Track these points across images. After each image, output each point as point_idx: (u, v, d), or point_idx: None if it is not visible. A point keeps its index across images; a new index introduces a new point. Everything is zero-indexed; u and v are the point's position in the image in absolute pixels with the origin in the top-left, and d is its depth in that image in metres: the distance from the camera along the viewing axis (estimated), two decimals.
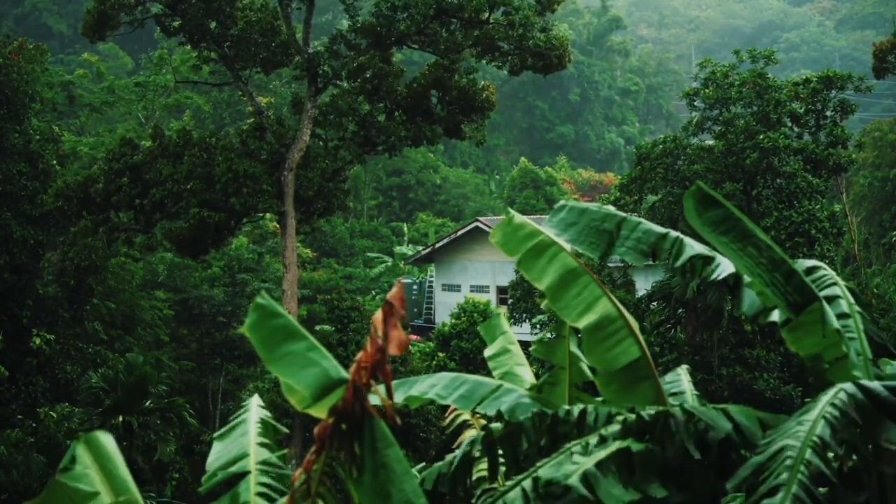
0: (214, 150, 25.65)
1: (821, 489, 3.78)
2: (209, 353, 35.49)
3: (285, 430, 5.71)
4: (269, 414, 5.35)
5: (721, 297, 19.88)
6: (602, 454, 4.04)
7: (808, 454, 3.56)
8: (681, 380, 6.13)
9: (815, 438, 3.62)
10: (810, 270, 5.47)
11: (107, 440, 4.40)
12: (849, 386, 3.86)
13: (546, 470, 4.09)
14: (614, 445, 4.07)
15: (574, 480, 3.93)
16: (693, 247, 5.15)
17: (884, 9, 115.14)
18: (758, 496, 3.51)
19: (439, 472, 5.00)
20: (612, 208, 5.62)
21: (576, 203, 5.73)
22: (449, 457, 5.05)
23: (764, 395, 23.20)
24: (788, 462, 3.55)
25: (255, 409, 5.35)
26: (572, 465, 4.05)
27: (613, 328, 5.21)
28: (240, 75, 27.31)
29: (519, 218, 5.76)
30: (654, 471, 4.07)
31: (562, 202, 5.76)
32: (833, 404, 3.77)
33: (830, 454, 3.72)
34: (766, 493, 3.50)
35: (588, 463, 4.01)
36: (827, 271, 5.48)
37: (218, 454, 4.99)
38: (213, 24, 26.33)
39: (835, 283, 5.35)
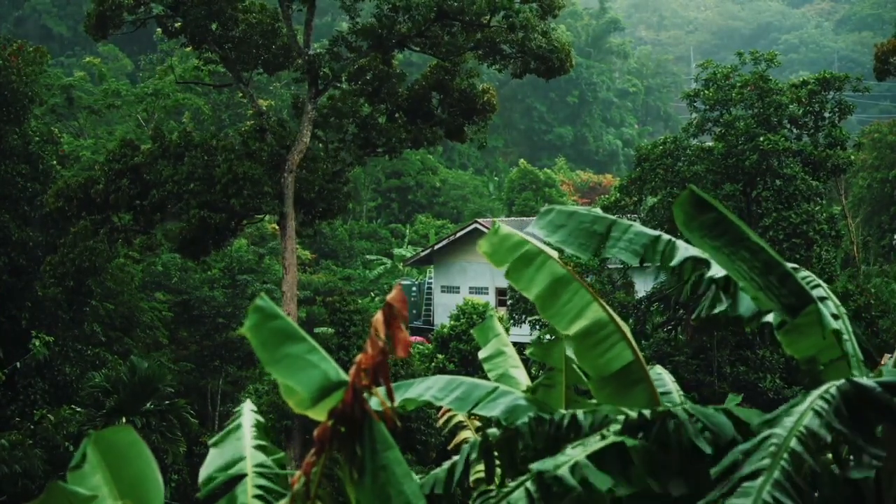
0: (215, 152, 25.68)
1: (817, 492, 3.80)
2: (209, 354, 35.45)
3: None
4: (261, 419, 5.35)
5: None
6: (594, 447, 4.07)
7: (794, 443, 3.59)
8: (663, 379, 6.15)
9: (801, 429, 3.64)
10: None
11: (123, 437, 4.36)
12: (840, 382, 3.89)
13: (538, 464, 4.12)
14: (608, 440, 4.10)
15: (564, 471, 3.95)
16: (686, 250, 5.17)
17: (882, 10, 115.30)
18: (736, 478, 3.52)
19: (436, 479, 5.03)
20: (599, 211, 5.65)
21: (563, 206, 5.77)
22: (447, 463, 5.08)
23: (767, 396, 23.25)
24: (772, 449, 3.58)
25: (248, 414, 5.35)
26: (563, 457, 4.08)
27: (605, 333, 5.23)
28: (241, 77, 27.35)
29: (505, 228, 5.81)
30: (648, 466, 4.10)
31: (548, 206, 5.80)
32: (823, 398, 3.80)
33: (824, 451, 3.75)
34: (746, 476, 3.51)
35: (580, 455, 4.03)
36: (808, 274, 5.51)
37: (213, 460, 4.98)
38: (214, 26, 26.36)
39: (819, 286, 5.38)
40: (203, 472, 4.85)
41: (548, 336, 23.51)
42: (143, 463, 4.30)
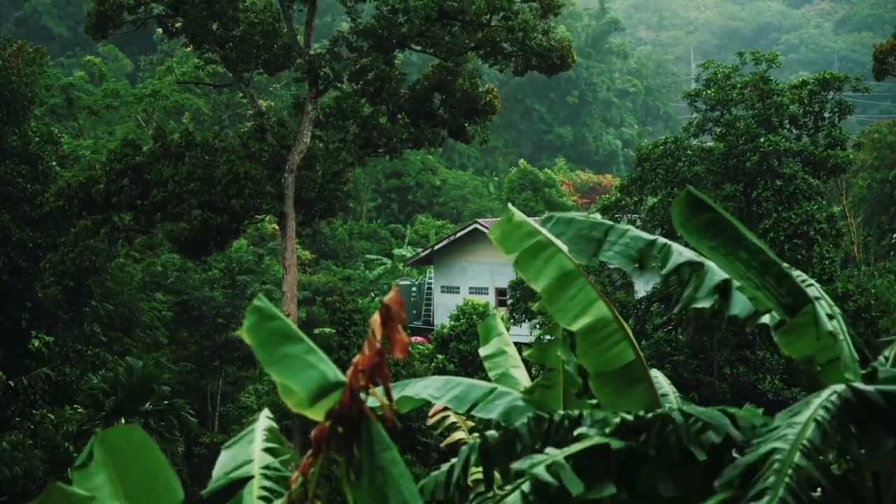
0: (216, 152, 25.68)
1: (817, 492, 3.80)
2: (208, 354, 35.45)
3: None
4: (274, 424, 5.37)
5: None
6: (576, 447, 4.06)
7: (797, 457, 3.57)
8: (659, 381, 6.15)
9: (804, 442, 3.63)
10: None
11: (130, 436, 4.32)
12: (841, 388, 3.88)
13: (517, 463, 4.11)
14: (593, 440, 4.09)
15: (539, 470, 3.94)
16: (681, 253, 5.17)
17: (882, 10, 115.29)
18: (745, 500, 3.52)
19: (436, 482, 5.02)
20: (598, 216, 5.67)
21: (563, 214, 5.80)
22: (445, 466, 5.07)
23: (766, 397, 23.22)
24: (777, 465, 3.57)
25: (263, 419, 5.37)
26: (541, 456, 4.07)
27: (608, 331, 5.23)
28: (241, 77, 27.35)
29: (519, 216, 5.77)
30: (633, 468, 4.08)
31: (548, 213, 5.82)
32: (825, 407, 3.79)
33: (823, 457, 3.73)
34: (753, 496, 3.51)
35: (559, 455, 4.02)
36: (800, 274, 5.50)
37: (224, 463, 4.98)
38: (214, 26, 26.36)
39: (812, 285, 5.38)
40: (214, 475, 4.85)
41: (547, 337, 23.47)
42: (152, 463, 4.24)
